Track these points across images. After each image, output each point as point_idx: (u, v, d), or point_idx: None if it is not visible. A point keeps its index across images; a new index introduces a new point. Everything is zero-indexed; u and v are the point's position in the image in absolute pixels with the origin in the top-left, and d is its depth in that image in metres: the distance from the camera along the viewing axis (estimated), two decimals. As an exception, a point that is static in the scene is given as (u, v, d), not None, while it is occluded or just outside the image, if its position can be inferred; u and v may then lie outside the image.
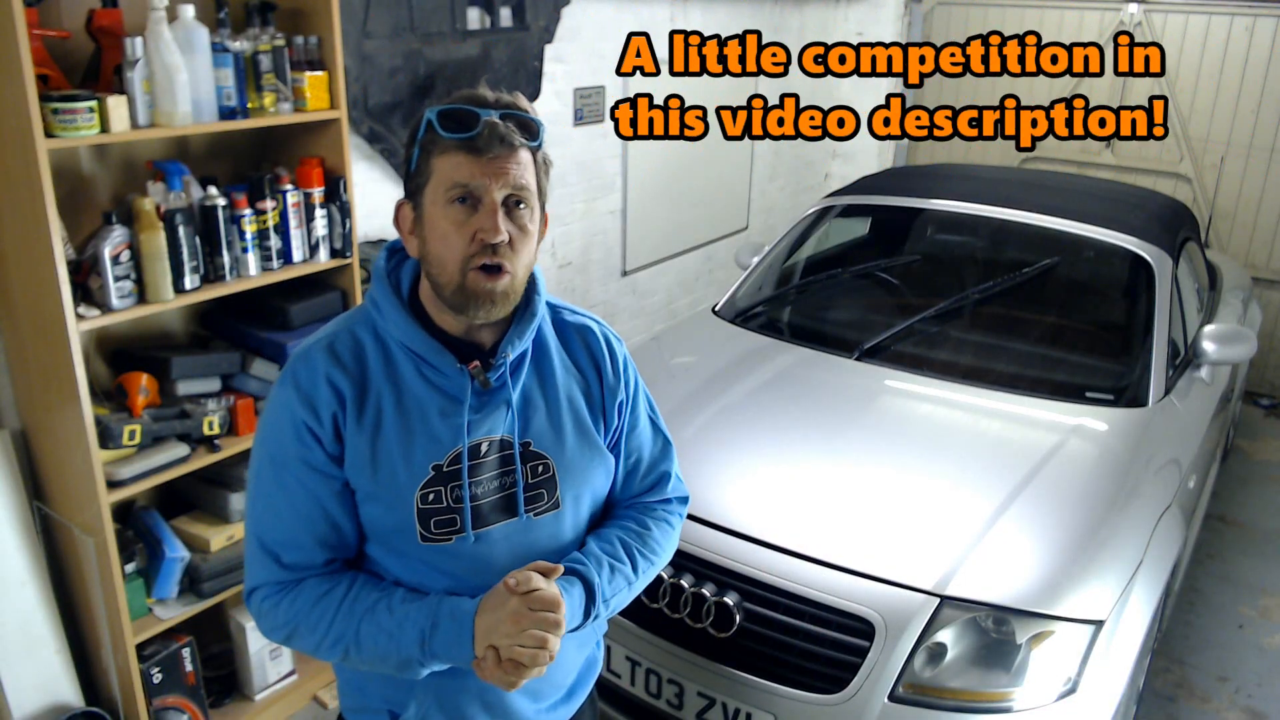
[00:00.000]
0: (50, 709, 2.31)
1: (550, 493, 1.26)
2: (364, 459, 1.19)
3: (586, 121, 3.85)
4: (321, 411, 1.19)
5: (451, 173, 1.14)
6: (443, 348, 1.21)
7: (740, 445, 2.44)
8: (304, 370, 1.21)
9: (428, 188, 1.17)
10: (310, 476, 1.20)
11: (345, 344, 1.23)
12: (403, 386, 1.21)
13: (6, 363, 2.27)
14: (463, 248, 1.15)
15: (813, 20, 5.30)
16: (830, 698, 1.94)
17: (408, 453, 1.19)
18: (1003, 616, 1.93)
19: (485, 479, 1.23)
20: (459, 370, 1.21)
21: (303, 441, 1.19)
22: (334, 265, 2.49)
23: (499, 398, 1.23)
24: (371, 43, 2.82)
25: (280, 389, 1.21)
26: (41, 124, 1.86)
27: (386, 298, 1.23)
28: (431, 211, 1.16)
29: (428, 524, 1.20)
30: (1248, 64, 4.81)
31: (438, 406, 1.21)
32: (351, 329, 1.25)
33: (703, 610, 2.06)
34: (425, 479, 1.19)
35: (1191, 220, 3.66)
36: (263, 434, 1.23)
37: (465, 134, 1.13)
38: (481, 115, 1.14)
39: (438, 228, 1.16)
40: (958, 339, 2.93)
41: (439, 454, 1.20)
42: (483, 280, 1.16)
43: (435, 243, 1.17)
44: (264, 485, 1.22)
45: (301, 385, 1.19)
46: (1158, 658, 2.88)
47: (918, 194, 3.44)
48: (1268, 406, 5.00)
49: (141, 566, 2.32)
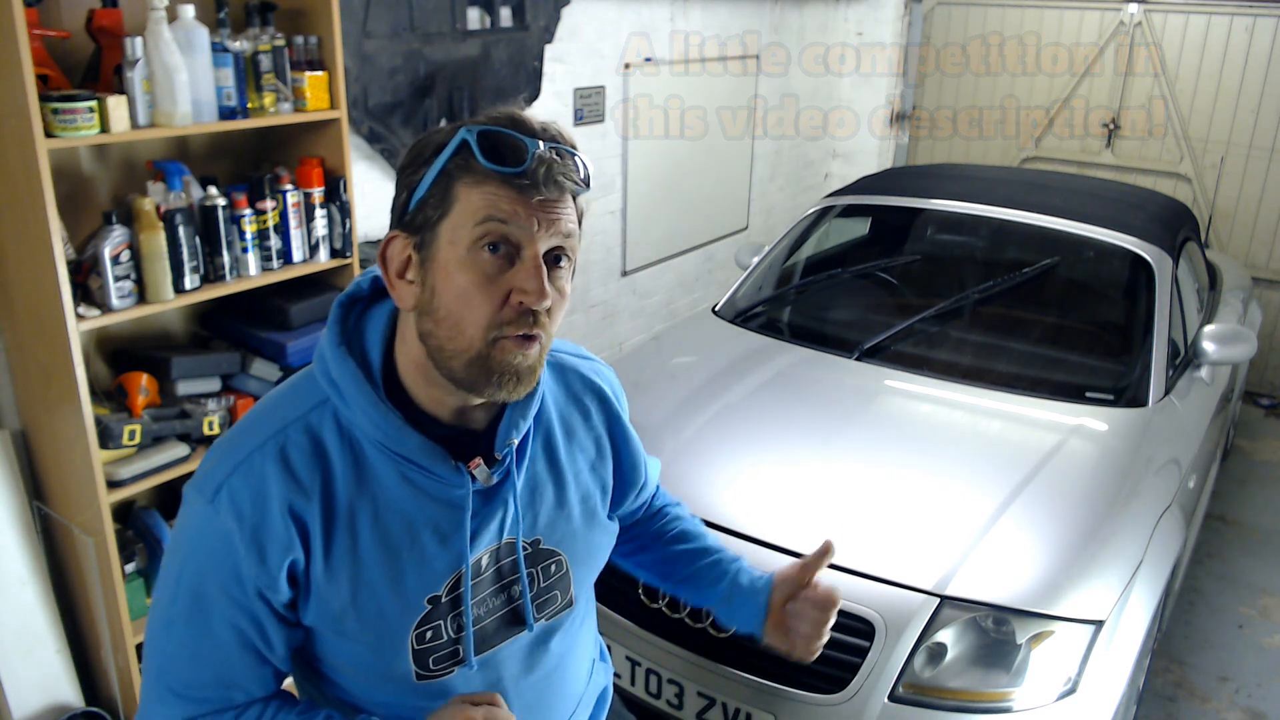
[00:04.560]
0: (50, 709, 2.31)
1: (564, 591, 1.07)
2: (339, 604, 0.94)
3: (587, 121, 3.85)
4: (271, 556, 0.91)
5: (487, 207, 0.88)
6: (436, 447, 0.95)
7: (740, 445, 2.44)
8: (247, 491, 0.91)
9: (445, 223, 0.90)
10: (244, 620, 0.94)
11: (301, 448, 0.93)
12: (381, 499, 0.95)
13: (6, 363, 2.27)
14: (491, 310, 0.89)
15: (813, 20, 5.30)
16: (830, 698, 1.94)
17: (397, 586, 0.95)
18: (1003, 616, 1.93)
19: (487, 595, 1.01)
20: (456, 471, 0.96)
21: (240, 586, 0.92)
22: (334, 265, 2.49)
23: (500, 495, 1.00)
24: (371, 43, 2.82)
25: (210, 511, 0.91)
26: (41, 124, 1.86)
27: (353, 381, 0.93)
28: (448, 255, 0.90)
29: (424, 663, 0.99)
30: (1248, 64, 4.81)
31: (430, 521, 0.96)
32: (305, 421, 0.94)
33: (702, 611, 2.06)
34: (420, 615, 0.97)
35: (1191, 220, 3.66)
36: (180, 559, 0.94)
37: (512, 169, 0.88)
38: (530, 147, 0.89)
39: (456, 280, 0.89)
40: (958, 339, 2.93)
41: (435, 583, 0.97)
42: (512, 351, 0.91)
43: (451, 298, 0.90)
44: (176, 623, 0.94)
45: (244, 515, 0.90)
46: (1158, 658, 2.88)
47: (918, 194, 3.44)
48: (1268, 406, 5.00)
49: (141, 566, 2.32)
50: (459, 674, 1.01)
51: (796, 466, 2.35)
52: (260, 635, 0.95)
